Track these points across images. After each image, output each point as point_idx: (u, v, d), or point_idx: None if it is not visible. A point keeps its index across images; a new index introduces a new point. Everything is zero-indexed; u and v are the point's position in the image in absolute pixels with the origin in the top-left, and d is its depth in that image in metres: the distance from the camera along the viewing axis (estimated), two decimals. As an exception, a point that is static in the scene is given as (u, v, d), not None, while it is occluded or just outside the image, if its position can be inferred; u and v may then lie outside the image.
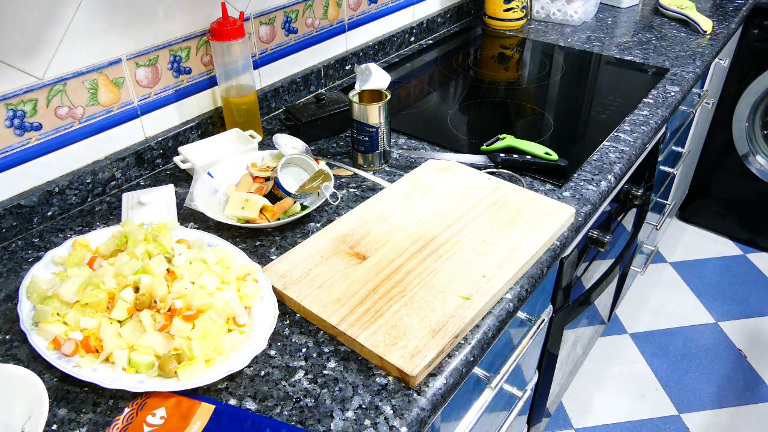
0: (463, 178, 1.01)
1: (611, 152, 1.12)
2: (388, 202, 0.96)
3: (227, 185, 0.99)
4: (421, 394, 0.68)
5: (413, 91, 1.39)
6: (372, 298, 0.77)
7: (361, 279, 0.80)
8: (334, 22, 1.38)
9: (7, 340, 0.76)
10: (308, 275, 0.81)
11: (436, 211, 0.93)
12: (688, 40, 1.61)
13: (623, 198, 1.32)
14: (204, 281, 0.75)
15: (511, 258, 0.84)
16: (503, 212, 0.92)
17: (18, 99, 0.89)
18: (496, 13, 1.72)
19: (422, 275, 0.81)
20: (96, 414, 0.66)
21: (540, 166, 1.05)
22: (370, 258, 0.84)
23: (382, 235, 0.88)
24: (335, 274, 0.81)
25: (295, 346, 0.74)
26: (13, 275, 0.86)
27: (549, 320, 1.16)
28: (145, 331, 0.70)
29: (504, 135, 1.14)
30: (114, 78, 1.00)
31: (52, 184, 0.96)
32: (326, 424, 0.65)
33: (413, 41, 1.64)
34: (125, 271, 0.75)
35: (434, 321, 0.74)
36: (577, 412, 1.76)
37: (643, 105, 1.29)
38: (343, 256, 0.84)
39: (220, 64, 1.09)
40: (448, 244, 0.86)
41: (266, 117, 1.28)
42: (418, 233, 0.89)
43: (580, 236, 1.10)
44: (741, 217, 2.28)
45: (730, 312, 2.06)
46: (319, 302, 0.77)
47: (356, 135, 1.05)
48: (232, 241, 0.91)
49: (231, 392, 0.69)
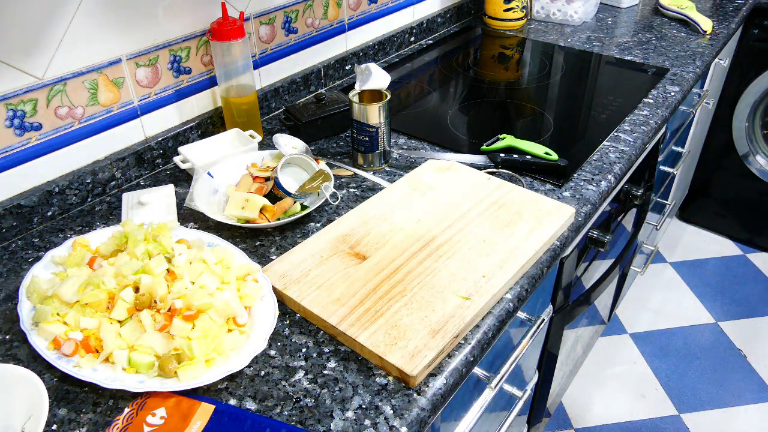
0: (463, 178, 1.01)
1: (611, 152, 1.12)
2: (388, 202, 0.96)
3: (227, 185, 0.99)
4: (421, 394, 0.68)
5: (413, 91, 1.39)
6: (372, 298, 0.77)
7: (361, 279, 0.80)
8: (334, 22, 1.38)
9: (7, 340, 0.76)
10: (308, 275, 0.81)
11: (436, 211, 0.93)
12: (688, 40, 1.61)
13: (623, 198, 1.32)
14: (204, 281, 0.75)
15: (511, 258, 0.84)
16: (503, 212, 0.92)
17: (18, 99, 0.89)
18: (496, 13, 1.72)
19: (422, 275, 0.81)
20: (96, 414, 0.66)
21: (540, 166, 1.05)
22: (370, 258, 0.84)
23: (382, 235, 0.88)
24: (335, 275, 0.81)
25: (295, 346, 0.74)
26: (13, 275, 0.86)
27: (549, 320, 1.16)
28: (145, 331, 0.70)
29: (504, 135, 1.14)
30: (114, 78, 1.00)
31: (52, 184, 0.96)
32: (326, 424, 0.65)
33: (413, 41, 1.64)
34: (125, 271, 0.75)
35: (434, 321, 0.74)
36: (577, 412, 1.76)
37: (643, 105, 1.29)
38: (343, 256, 0.84)
39: (220, 64, 1.09)
40: (448, 244, 0.86)
41: (266, 117, 1.28)
42: (418, 233, 0.89)
43: (580, 236, 1.10)
44: (741, 217, 2.28)
45: (730, 312, 2.06)
46: (319, 302, 0.77)
47: (356, 135, 1.05)
48: (232, 241, 0.91)
49: (231, 392, 0.69)
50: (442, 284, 0.79)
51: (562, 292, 1.14)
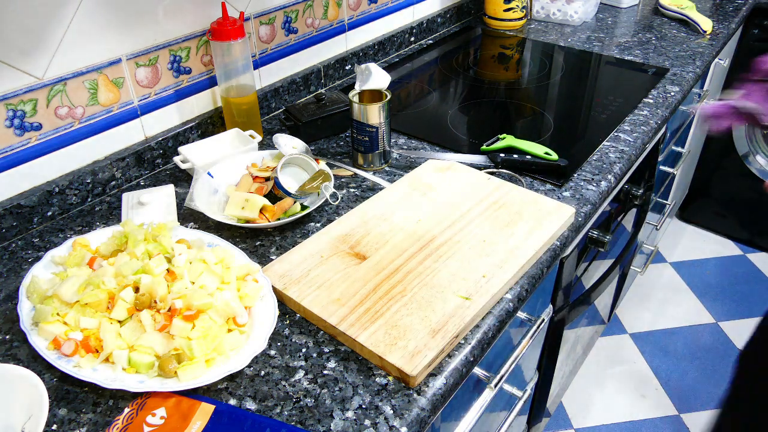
0: (463, 178, 1.01)
1: (611, 152, 1.12)
2: (388, 202, 0.96)
3: (227, 185, 0.99)
4: (421, 394, 0.68)
5: (413, 91, 1.39)
6: (372, 298, 0.77)
7: (361, 279, 0.80)
8: (334, 22, 1.38)
9: (7, 340, 0.76)
10: (308, 275, 0.81)
11: (436, 211, 0.93)
12: (688, 40, 1.61)
13: (623, 198, 1.32)
14: (204, 281, 0.75)
15: (511, 258, 0.84)
16: (503, 212, 0.92)
17: (18, 99, 0.89)
18: (496, 13, 1.72)
19: (422, 275, 0.81)
20: (96, 414, 0.66)
21: (540, 166, 1.05)
22: (370, 258, 0.84)
23: (382, 235, 0.88)
24: (335, 274, 0.81)
25: (295, 346, 0.74)
26: (13, 275, 0.86)
27: (549, 320, 1.16)
28: (145, 331, 0.70)
29: (504, 135, 1.14)
30: (114, 78, 1.00)
31: (52, 184, 0.96)
32: (326, 424, 0.65)
33: (413, 41, 1.64)
34: (125, 271, 0.75)
35: (434, 321, 0.74)
36: (577, 412, 1.75)
37: (643, 105, 1.29)
38: (343, 256, 0.84)
39: (220, 64, 1.09)
40: (448, 244, 0.86)
41: (266, 117, 1.28)
42: (418, 233, 0.89)
43: (580, 236, 1.10)
44: (741, 217, 2.28)
45: (730, 312, 2.06)
46: (319, 302, 0.77)
47: (356, 135, 1.05)
48: (232, 241, 0.91)
49: (231, 392, 0.69)
50: (442, 284, 0.79)
51: (562, 292, 1.14)
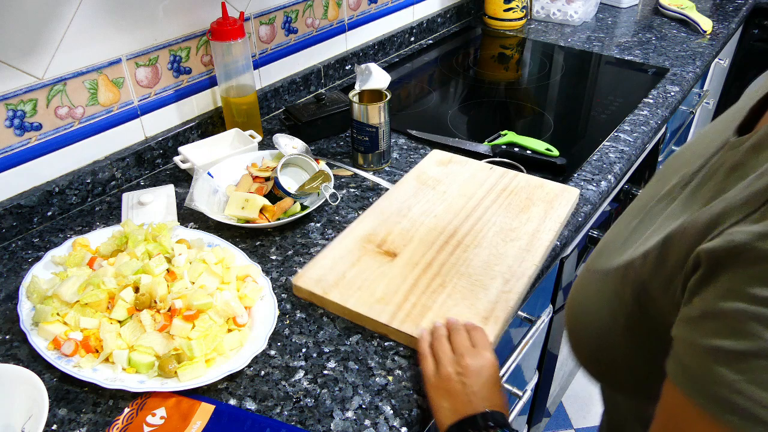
0: (467, 169, 1.02)
1: (611, 152, 1.12)
2: (401, 198, 0.96)
3: (227, 185, 0.99)
4: (421, 394, 0.68)
5: (413, 91, 1.39)
6: (415, 293, 0.78)
7: (399, 276, 0.80)
8: (334, 22, 1.38)
9: (7, 340, 0.76)
10: (344, 278, 0.81)
11: (450, 203, 0.95)
12: (688, 40, 1.61)
13: (623, 198, 1.32)
14: (204, 281, 0.75)
15: (535, 240, 0.86)
16: (514, 198, 0.95)
17: (18, 99, 0.89)
18: (496, 13, 1.72)
19: (456, 266, 0.82)
20: (96, 414, 0.66)
21: (539, 163, 1.06)
22: (401, 255, 0.84)
23: (405, 232, 0.89)
24: (371, 274, 0.81)
25: (295, 346, 0.74)
26: (13, 275, 0.86)
27: (549, 320, 1.16)
28: (145, 331, 0.70)
29: (505, 131, 1.14)
30: (114, 78, 1.00)
31: (52, 184, 0.96)
32: (326, 424, 0.65)
33: (413, 41, 1.64)
34: (125, 271, 0.75)
35: (482, 309, 0.75)
36: (577, 412, 1.75)
37: (643, 105, 1.29)
38: (373, 255, 0.84)
39: (220, 64, 1.09)
40: (471, 233, 0.88)
41: (266, 117, 1.28)
42: (440, 226, 0.90)
43: (580, 236, 1.10)
44: (741, 217, 2.28)
45: (730, 312, 2.05)
46: (365, 303, 0.76)
47: (356, 135, 1.05)
48: (232, 241, 0.91)
49: (231, 392, 0.69)
50: (477, 272, 0.80)
51: (562, 292, 1.14)
